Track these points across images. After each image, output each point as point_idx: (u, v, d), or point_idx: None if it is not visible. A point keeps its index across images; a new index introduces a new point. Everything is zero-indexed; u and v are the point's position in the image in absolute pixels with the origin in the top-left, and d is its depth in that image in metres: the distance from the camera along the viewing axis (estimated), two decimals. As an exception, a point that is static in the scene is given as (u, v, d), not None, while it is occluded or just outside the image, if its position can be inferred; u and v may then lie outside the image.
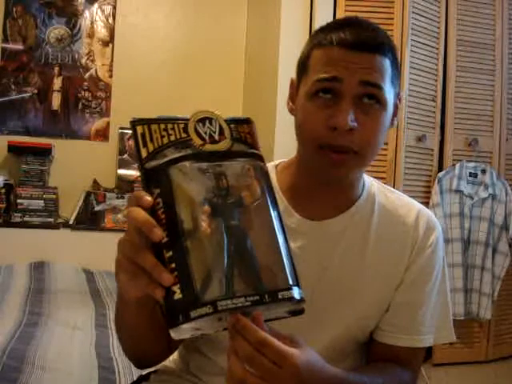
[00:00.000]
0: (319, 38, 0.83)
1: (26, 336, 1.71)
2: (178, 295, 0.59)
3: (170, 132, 0.66)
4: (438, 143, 2.74)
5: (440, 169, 2.74)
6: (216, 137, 0.67)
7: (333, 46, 0.80)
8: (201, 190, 0.63)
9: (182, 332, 0.60)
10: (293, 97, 0.89)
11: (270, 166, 0.94)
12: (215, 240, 0.62)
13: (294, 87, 0.88)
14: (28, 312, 2.00)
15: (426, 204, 2.69)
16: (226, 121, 0.69)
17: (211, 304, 0.59)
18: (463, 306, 2.68)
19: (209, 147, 0.66)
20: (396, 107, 0.87)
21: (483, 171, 2.73)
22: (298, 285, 0.64)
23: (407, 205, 0.93)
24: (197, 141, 0.66)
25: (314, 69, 0.82)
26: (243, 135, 0.69)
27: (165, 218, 0.61)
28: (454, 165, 2.72)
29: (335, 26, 0.83)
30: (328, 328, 0.87)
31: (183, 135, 0.66)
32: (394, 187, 2.81)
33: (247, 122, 0.71)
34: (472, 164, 2.73)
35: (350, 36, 0.79)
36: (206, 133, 0.67)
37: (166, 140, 0.66)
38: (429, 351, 2.70)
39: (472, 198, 2.72)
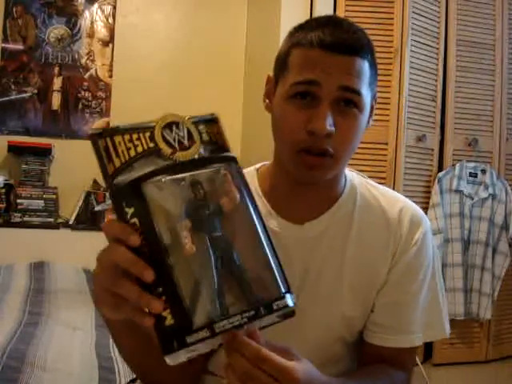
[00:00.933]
0: (299, 37, 0.82)
1: (26, 336, 1.71)
2: (169, 321, 0.55)
3: (136, 143, 0.60)
4: (437, 143, 2.74)
5: (440, 169, 2.74)
6: (185, 143, 0.63)
7: (312, 46, 0.79)
8: (178, 204, 0.59)
9: (178, 357, 0.57)
10: (270, 94, 0.88)
11: (252, 169, 0.94)
12: (201, 256, 0.59)
13: (272, 84, 0.87)
14: (28, 312, 2.00)
15: (426, 204, 2.69)
16: (193, 123, 0.65)
17: (207, 327, 0.57)
18: (463, 305, 2.68)
19: (180, 155, 0.62)
20: (372, 108, 0.87)
21: (483, 171, 2.73)
22: (289, 290, 0.62)
23: (390, 200, 0.91)
24: (166, 150, 0.61)
25: (292, 69, 0.81)
26: (213, 136, 0.65)
27: (143, 238, 0.57)
28: (454, 165, 2.72)
29: (315, 24, 0.82)
30: (311, 328, 0.86)
31: (151, 145, 0.61)
32: (393, 187, 2.81)
33: (214, 120, 0.67)
34: (472, 164, 2.73)
35: (330, 37, 0.78)
36: (174, 139, 0.62)
37: (132, 152, 0.60)
38: (429, 351, 2.70)
39: (472, 198, 2.72)
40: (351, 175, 0.94)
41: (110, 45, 3.37)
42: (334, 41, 0.78)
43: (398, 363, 0.89)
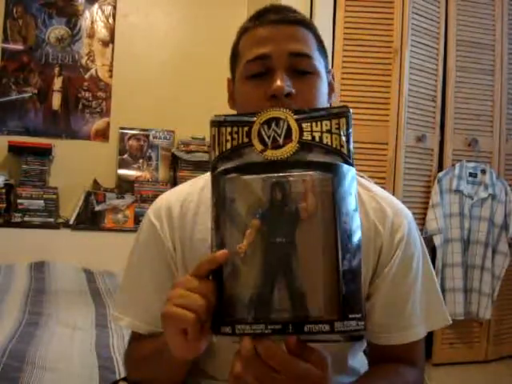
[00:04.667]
0: (245, 26, 0.87)
1: (26, 336, 1.71)
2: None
3: (234, 136, 0.63)
4: (437, 143, 2.74)
5: (440, 169, 2.74)
6: (280, 141, 0.62)
7: (258, 25, 0.84)
8: (251, 203, 0.60)
9: (220, 337, 0.60)
10: (231, 94, 0.92)
11: None
12: (254, 257, 0.59)
13: (230, 85, 0.92)
14: (28, 312, 2.01)
15: (426, 204, 2.69)
16: (298, 120, 0.62)
17: (231, 325, 0.58)
18: (463, 305, 2.68)
19: (269, 154, 0.61)
20: (331, 84, 0.90)
21: (483, 171, 2.73)
22: (339, 318, 0.57)
23: (373, 195, 0.90)
24: (257, 146, 0.62)
25: (243, 52, 0.86)
26: (318, 135, 0.62)
27: (214, 228, 0.61)
28: (453, 165, 2.72)
29: (259, 13, 0.87)
30: None
31: (245, 140, 0.62)
32: (393, 187, 2.80)
33: (334, 115, 0.63)
34: (472, 164, 2.74)
35: (273, 15, 0.84)
36: (269, 136, 0.62)
37: (228, 145, 0.63)
38: (429, 351, 2.70)
39: (472, 198, 2.72)
40: None
41: (110, 45, 3.37)
42: (277, 16, 0.84)
43: (408, 359, 0.88)
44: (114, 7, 3.37)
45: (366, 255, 0.85)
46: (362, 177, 0.95)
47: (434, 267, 2.60)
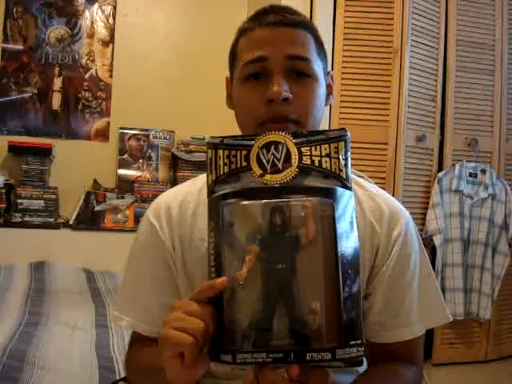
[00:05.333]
0: (243, 26, 0.87)
1: (26, 336, 1.71)
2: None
3: (232, 160, 0.62)
4: (437, 143, 2.74)
5: (440, 169, 2.74)
6: (279, 165, 0.61)
7: (256, 27, 0.84)
8: (251, 228, 0.59)
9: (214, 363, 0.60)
10: (230, 93, 0.91)
11: None
12: (253, 284, 0.58)
13: (229, 84, 0.91)
14: (28, 312, 2.01)
15: (426, 204, 2.69)
16: (297, 144, 0.62)
17: (232, 354, 0.57)
18: (463, 305, 2.68)
19: (268, 178, 0.60)
20: (329, 86, 0.89)
21: (483, 171, 2.73)
22: (341, 346, 0.57)
23: (370, 194, 0.90)
24: (256, 170, 0.61)
25: (241, 54, 0.85)
26: (317, 159, 0.61)
27: (213, 254, 0.60)
28: (453, 165, 2.72)
29: (258, 13, 0.86)
30: None
31: (243, 164, 0.62)
32: (393, 187, 2.80)
33: (333, 139, 0.62)
34: (472, 164, 2.74)
35: (272, 16, 0.83)
36: (268, 161, 0.61)
37: (226, 169, 0.62)
38: (429, 351, 2.70)
39: (472, 198, 2.72)
40: None
41: (110, 45, 3.37)
42: (276, 18, 0.83)
43: (407, 358, 0.88)
44: (114, 7, 3.37)
45: (362, 254, 0.84)
46: (361, 177, 0.95)
47: (434, 267, 2.60)
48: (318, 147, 0.62)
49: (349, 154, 0.63)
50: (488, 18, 2.78)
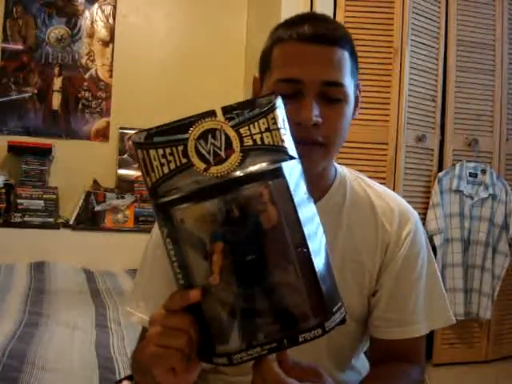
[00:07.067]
0: (279, 34, 0.84)
1: (26, 336, 1.71)
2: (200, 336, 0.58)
3: (170, 158, 0.57)
4: (437, 143, 2.74)
5: (440, 169, 2.74)
6: (222, 154, 0.57)
7: (292, 40, 0.80)
8: (209, 228, 0.56)
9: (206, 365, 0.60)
10: (258, 94, 0.89)
11: None
12: (227, 283, 0.56)
13: (258, 84, 0.89)
14: (28, 312, 2.01)
15: (426, 204, 2.69)
16: (234, 126, 0.58)
17: (227, 356, 0.57)
18: (463, 306, 2.68)
19: (213, 170, 0.56)
20: (357, 98, 0.88)
21: (483, 171, 2.73)
22: (326, 318, 0.57)
23: (380, 193, 0.92)
24: (199, 165, 0.56)
25: (275, 66, 0.83)
26: (259, 137, 0.58)
27: (176, 260, 0.57)
28: (454, 165, 2.72)
29: (295, 21, 0.84)
30: None
31: (183, 160, 0.57)
32: (393, 187, 2.80)
33: (268, 110, 0.59)
34: (472, 164, 2.73)
35: (309, 30, 0.80)
36: (209, 152, 0.57)
37: (166, 169, 0.56)
38: (429, 351, 2.70)
39: (472, 198, 2.72)
40: (341, 168, 0.94)
41: (110, 45, 3.37)
42: (313, 32, 0.80)
43: (409, 357, 0.89)
44: (114, 7, 3.37)
45: (373, 252, 0.88)
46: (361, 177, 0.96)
47: (434, 267, 2.59)
48: (256, 124, 0.58)
49: (284, 117, 0.60)
50: (488, 18, 2.77)
